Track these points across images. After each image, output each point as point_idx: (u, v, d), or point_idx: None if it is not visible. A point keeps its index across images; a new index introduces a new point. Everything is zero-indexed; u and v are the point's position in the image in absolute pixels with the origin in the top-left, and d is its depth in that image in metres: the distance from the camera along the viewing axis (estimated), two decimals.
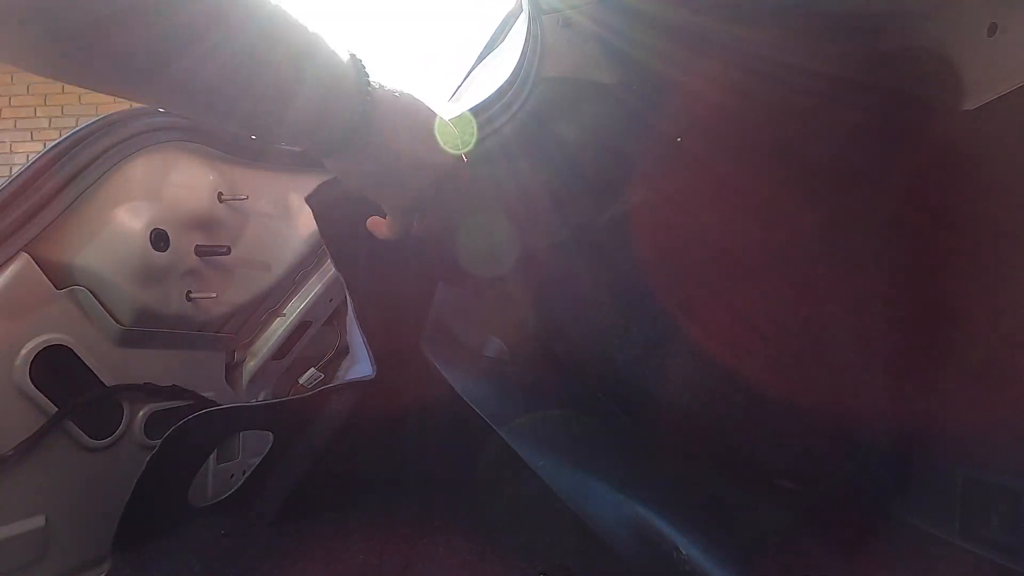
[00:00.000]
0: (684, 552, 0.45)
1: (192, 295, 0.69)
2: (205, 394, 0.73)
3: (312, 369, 0.97)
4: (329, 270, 0.89)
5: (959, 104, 0.56)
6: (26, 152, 4.16)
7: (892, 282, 0.64)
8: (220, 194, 0.71)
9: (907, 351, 0.63)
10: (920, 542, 0.57)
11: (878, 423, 0.63)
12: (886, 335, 0.64)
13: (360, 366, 0.88)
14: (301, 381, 0.96)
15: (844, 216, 0.67)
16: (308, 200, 0.65)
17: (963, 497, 0.55)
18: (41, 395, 0.54)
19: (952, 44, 0.54)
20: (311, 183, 0.74)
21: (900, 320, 0.63)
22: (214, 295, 0.72)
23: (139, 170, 0.62)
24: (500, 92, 0.74)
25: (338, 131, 0.44)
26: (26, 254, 0.54)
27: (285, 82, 0.39)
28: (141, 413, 0.65)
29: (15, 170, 0.55)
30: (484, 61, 0.99)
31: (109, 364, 0.61)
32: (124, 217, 0.61)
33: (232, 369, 0.85)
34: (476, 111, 0.74)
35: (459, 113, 0.76)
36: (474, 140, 0.66)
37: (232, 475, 0.78)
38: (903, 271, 0.63)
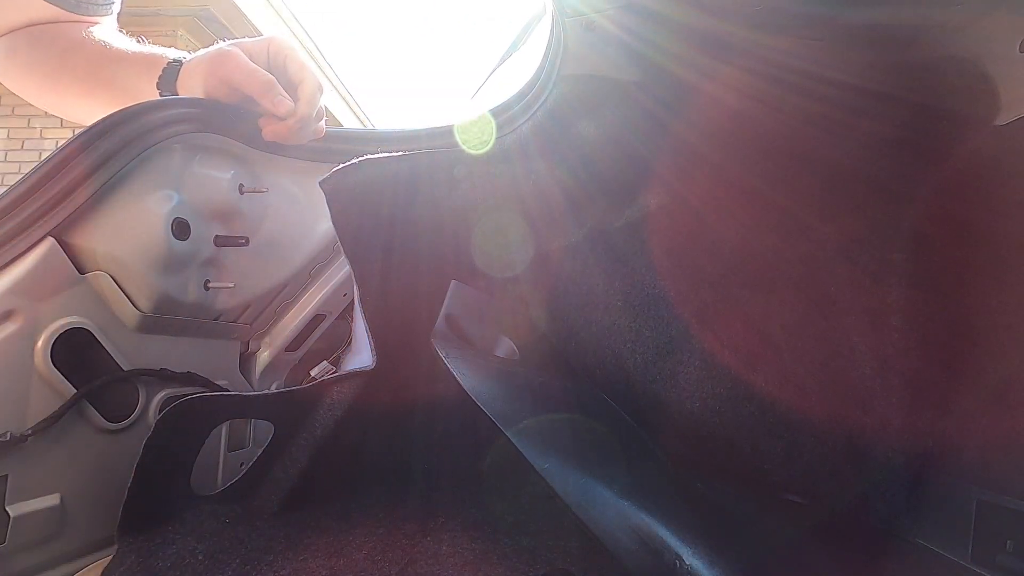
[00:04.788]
0: (688, 563, 0.44)
1: (210, 284, 0.70)
2: (219, 382, 0.74)
3: (324, 362, 0.98)
4: (344, 265, 0.90)
5: (990, 118, 0.55)
6: (55, 139, 4.24)
7: (913, 298, 0.63)
8: (241, 186, 0.72)
9: (925, 369, 0.62)
10: (930, 564, 0.56)
11: (892, 440, 0.62)
12: (904, 351, 0.63)
13: (362, 356, 0.89)
14: (313, 373, 0.97)
15: (866, 229, 0.66)
16: (322, 184, 0.66)
17: (977, 521, 0.54)
18: (61, 377, 0.55)
19: (984, 58, 0.53)
20: None
21: (919, 337, 0.62)
22: (231, 285, 0.73)
23: (163, 160, 0.64)
24: (521, 93, 0.74)
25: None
26: (52, 239, 0.55)
27: None
28: (157, 398, 0.66)
29: (44, 156, 0.56)
30: (506, 62, 0.99)
31: (127, 349, 0.63)
32: (147, 206, 0.62)
33: (246, 359, 0.86)
34: (497, 111, 0.75)
35: (480, 112, 0.76)
36: (493, 139, 0.67)
37: (242, 463, 0.79)
38: (925, 287, 0.62)
